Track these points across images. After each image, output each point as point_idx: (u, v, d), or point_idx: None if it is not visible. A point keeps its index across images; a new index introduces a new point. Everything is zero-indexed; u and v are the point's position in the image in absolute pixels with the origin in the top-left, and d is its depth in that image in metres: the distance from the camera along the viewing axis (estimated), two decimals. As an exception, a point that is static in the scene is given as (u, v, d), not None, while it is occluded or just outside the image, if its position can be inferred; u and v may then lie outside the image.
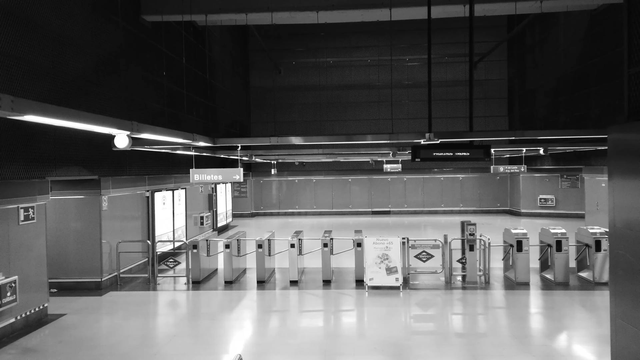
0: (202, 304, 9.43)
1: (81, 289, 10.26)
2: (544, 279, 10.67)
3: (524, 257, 10.29)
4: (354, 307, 8.89)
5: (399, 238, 10.13)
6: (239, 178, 8.09)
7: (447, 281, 10.48)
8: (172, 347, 6.99)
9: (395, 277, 9.93)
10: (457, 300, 9.27)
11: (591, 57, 15.70)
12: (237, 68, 22.44)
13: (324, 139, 7.67)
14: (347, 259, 12.63)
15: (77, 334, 7.58)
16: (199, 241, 10.91)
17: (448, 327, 7.82)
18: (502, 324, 7.79)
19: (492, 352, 6.60)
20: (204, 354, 6.65)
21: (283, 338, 7.32)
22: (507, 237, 10.94)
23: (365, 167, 25.25)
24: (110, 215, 10.68)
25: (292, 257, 10.68)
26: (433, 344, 6.99)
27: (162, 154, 13.32)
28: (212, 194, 18.09)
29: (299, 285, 10.53)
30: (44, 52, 7.87)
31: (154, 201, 12.66)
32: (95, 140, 9.91)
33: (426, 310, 8.62)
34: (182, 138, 6.15)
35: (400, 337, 7.30)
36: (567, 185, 22.95)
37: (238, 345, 6.99)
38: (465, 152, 9.25)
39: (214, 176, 8.14)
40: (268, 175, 25.53)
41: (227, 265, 10.81)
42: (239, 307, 9.02)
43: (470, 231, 10.29)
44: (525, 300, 9.19)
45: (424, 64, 24.03)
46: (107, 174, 10.56)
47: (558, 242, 10.24)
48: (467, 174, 25.28)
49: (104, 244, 10.41)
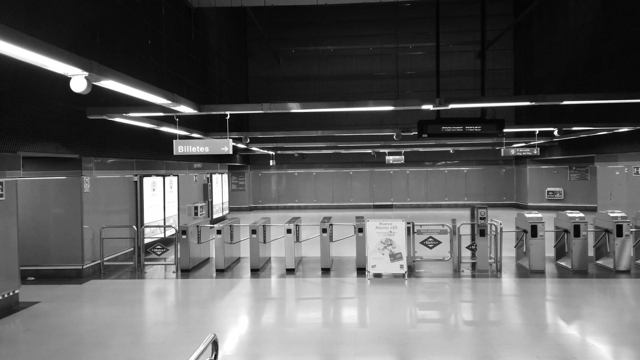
0: (189, 291, 8.68)
1: (61, 277, 9.51)
2: (560, 267, 9.89)
3: (539, 243, 9.52)
4: (355, 295, 8.14)
5: (404, 222, 9.38)
6: (228, 149, 7.35)
7: (455, 269, 9.72)
8: (152, 336, 6.24)
9: (400, 264, 9.16)
10: (467, 288, 8.50)
11: (604, 40, 14.94)
12: (234, 56, 21.72)
13: (323, 105, 6.92)
14: (348, 247, 11.87)
15: (48, 322, 6.84)
16: (188, 226, 10.16)
17: (458, 315, 7.06)
18: (518, 312, 7.03)
19: (509, 340, 5.84)
20: (186, 342, 5.91)
21: (277, 326, 6.57)
22: (520, 222, 10.16)
23: (366, 159, 24.50)
24: (93, 199, 9.94)
25: (289, 244, 9.93)
26: (443, 333, 6.24)
27: (151, 137, 12.59)
28: (207, 183, 17.35)
29: (296, 273, 9.78)
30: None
31: (142, 187, 11.93)
32: (76, 116, 9.19)
33: (434, 298, 7.86)
34: (156, 95, 5.40)
35: (406, 326, 6.54)
36: (576, 177, 22.17)
37: (225, 333, 6.25)
38: (477, 126, 8.53)
39: (200, 147, 7.39)
40: (267, 168, 24.80)
41: (218, 252, 10.06)
42: (230, 294, 8.27)
43: (481, 215, 9.52)
44: (542, 288, 8.41)
45: (428, 52, 23.27)
46: (90, 153, 9.83)
47: (576, 226, 9.47)
48: (472, 167, 24.52)
49: (85, 229, 9.67)
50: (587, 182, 22.01)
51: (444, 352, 5.52)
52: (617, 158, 14.93)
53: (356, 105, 6.67)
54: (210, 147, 7.35)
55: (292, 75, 23.92)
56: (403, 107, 6.78)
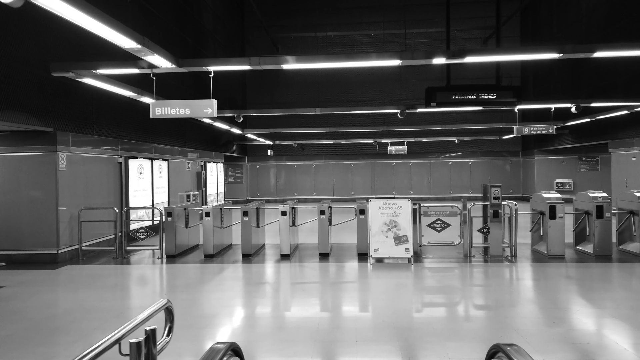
0: (171, 276, 7.85)
1: (35, 262, 8.70)
2: (580, 252, 9.04)
3: (558, 226, 8.67)
4: (356, 280, 7.29)
5: (409, 201, 8.54)
6: (212, 112, 6.50)
7: (466, 255, 8.87)
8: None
9: (405, 248, 8.32)
10: (479, 273, 7.65)
11: (618, 20, 14.10)
12: (232, 43, 20.89)
13: (321, 59, 6.08)
14: (349, 235, 11.08)
15: (7, 307, 6.02)
16: (174, 208, 9.33)
17: (472, 299, 6.20)
18: (537, 296, 6.17)
19: (529, 325, 4.99)
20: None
21: (267, 311, 5.74)
22: (536, 204, 9.32)
23: (368, 151, 23.67)
24: (71, 179, 9.12)
25: (284, 227, 9.10)
26: (456, 317, 5.40)
27: (138, 117, 11.77)
28: (201, 172, 16.52)
29: (291, 259, 8.94)
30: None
31: (127, 169, 11.10)
32: (50, 85, 8.39)
33: (444, 282, 7.01)
34: (121, 33, 4.54)
35: (414, 310, 5.71)
36: (586, 168, 21.31)
37: (207, 319, 5.41)
38: (491, 94, 7.69)
39: (180, 109, 6.54)
40: (265, 160, 23.99)
41: (207, 236, 9.23)
42: (216, 279, 7.44)
43: (494, 194, 8.67)
44: (563, 271, 7.55)
45: (432, 40, 22.42)
46: (67, 128, 9.01)
47: (599, 207, 8.63)
48: (477, 158, 23.69)
49: (62, 211, 8.85)
50: (598, 173, 21.16)
51: (460, 337, 4.68)
52: (634, 143, 14.08)
53: (358, 58, 5.83)
54: (192, 108, 6.51)
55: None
56: (411, 62, 5.94)
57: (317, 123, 21.65)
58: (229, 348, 2.13)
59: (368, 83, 22.39)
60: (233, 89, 20.66)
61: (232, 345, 2.17)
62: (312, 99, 22.13)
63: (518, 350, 1.97)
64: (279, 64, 6.02)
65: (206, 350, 2.10)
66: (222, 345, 2.09)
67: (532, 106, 11.53)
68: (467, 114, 21.11)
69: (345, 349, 4.40)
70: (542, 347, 4.37)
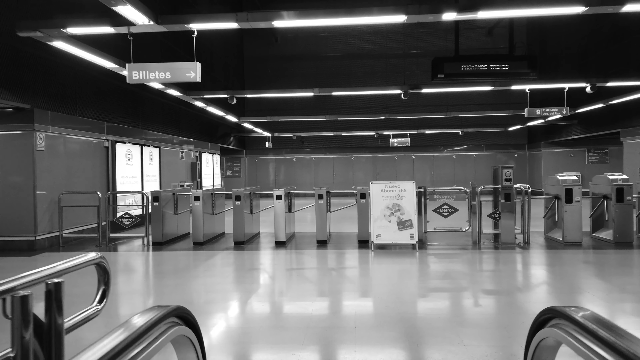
0: (154, 263, 7.22)
1: (10, 249, 8.08)
2: (598, 240, 8.39)
3: (574, 210, 8.03)
4: (356, 266, 6.65)
5: (414, 184, 7.91)
6: (195, 76, 5.87)
7: (475, 242, 8.24)
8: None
9: (410, 233, 7.69)
10: (490, 258, 6.99)
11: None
12: (229, 31, 20.26)
13: (319, 14, 5.44)
14: (349, 224, 10.48)
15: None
16: (161, 192, 8.71)
17: (485, 284, 5.54)
18: (556, 281, 5.52)
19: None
20: (125, 314, 4.45)
21: (257, 297, 5.10)
22: (550, 187, 8.68)
23: (369, 144, 23.02)
24: (50, 160, 8.51)
25: (279, 213, 8.47)
26: (467, 302, 4.76)
27: (126, 100, 11.16)
28: (196, 162, 15.90)
29: (287, 246, 8.31)
30: None
31: (115, 154, 10.48)
32: (27, 59, 7.79)
33: (452, 268, 6.35)
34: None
35: (421, 296, 5.07)
36: (595, 160, 20.64)
37: (187, 305, 4.78)
38: (504, 64, 7.05)
39: (160, 73, 5.91)
40: (264, 154, 23.37)
41: (196, 222, 8.61)
42: (204, 265, 6.81)
43: (506, 176, 8.03)
44: (581, 257, 6.90)
45: (435, 30, 21.77)
46: (46, 106, 8.40)
47: (619, 189, 7.98)
48: (481, 152, 23.03)
49: (40, 195, 8.23)
50: (607, 166, 20.47)
51: (474, 323, 4.04)
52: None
53: (359, 14, 5.17)
54: (173, 72, 5.88)
55: (291, 55, 22.46)
56: (417, 18, 5.30)
57: (317, 110, 21.04)
58: (172, 313, 1.50)
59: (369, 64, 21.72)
60: (229, 80, 20.04)
61: (177, 311, 1.54)
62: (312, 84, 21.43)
63: (592, 315, 1.33)
64: (269, 20, 5.39)
65: (136, 314, 1.48)
66: (161, 310, 1.46)
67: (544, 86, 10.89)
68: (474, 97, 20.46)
69: (342, 336, 3.77)
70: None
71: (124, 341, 1.17)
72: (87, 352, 1.13)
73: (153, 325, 1.35)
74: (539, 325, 1.57)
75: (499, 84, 9.71)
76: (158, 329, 1.38)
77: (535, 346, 1.59)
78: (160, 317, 1.40)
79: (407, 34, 21.80)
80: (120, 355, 1.14)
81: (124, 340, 1.17)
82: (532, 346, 1.61)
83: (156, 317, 1.39)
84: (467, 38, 20.65)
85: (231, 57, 20.34)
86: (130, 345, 1.20)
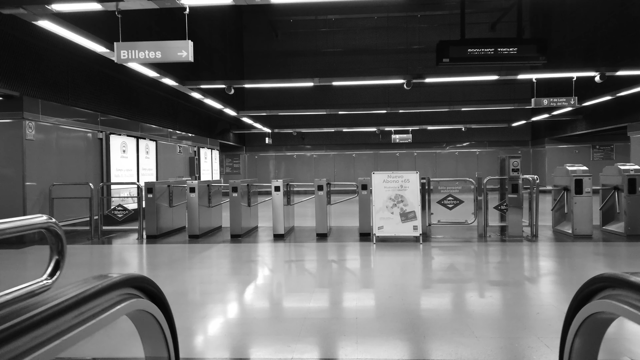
0: (146, 255, 6.91)
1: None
2: (609, 233, 8.08)
3: (584, 202, 7.71)
4: (357, 258, 6.35)
5: (417, 174, 7.60)
6: (187, 55, 5.57)
7: (480, 234, 7.93)
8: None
9: (413, 225, 7.38)
10: (498, 251, 6.68)
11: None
12: (228, 27, 19.98)
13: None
14: (350, 219, 10.17)
15: (-55, 284, 5.10)
16: (155, 184, 8.42)
17: (494, 276, 5.23)
18: (574, 272, 5.21)
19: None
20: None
21: (252, 289, 4.80)
22: (559, 179, 8.37)
23: (371, 140, 22.72)
24: (41, 150, 8.22)
25: (277, 205, 8.17)
26: (476, 294, 4.45)
27: (121, 92, 10.87)
28: (194, 157, 15.61)
29: (285, 239, 8.02)
30: None
31: (109, 146, 10.19)
32: (15, 45, 7.50)
33: (458, 260, 6.04)
34: None
35: (425, 287, 4.76)
36: (600, 156, 20.32)
37: (178, 296, 4.49)
38: (512, 48, 6.74)
39: (150, 52, 5.62)
40: (263, 150, 23.07)
41: (192, 214, 8.32)
42: (198, 257, 6.51)
43: (513, 166, 7.72)
44: (594, 249, 6.59)
45: (439, 24, 21.45)
46: (36, 94, 8.11)
47: (631, 180, 7.67)
48: (484, 148, 22.70)
49: (29, 186, 7.94)
50: (613, 162, 20.12)
51: (485, 314, 3.74)
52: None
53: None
54: (164, 51, 5.58)
55: (291, 50, 22.16)
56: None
57: (317, 104, 20.75)
58: (126, 283, 1.20)
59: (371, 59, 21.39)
60: (227, 74, 19.73)
61: (135, 281, 1.24)
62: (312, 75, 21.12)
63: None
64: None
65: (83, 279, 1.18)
66: (108, 279, 1.15)
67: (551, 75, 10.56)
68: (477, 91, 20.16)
69: (342, 327, 3.46)
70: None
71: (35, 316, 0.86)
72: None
73: (93, 296, 1.05)
74: (584, 299, 1.27)
75: (506, 71, 9.39)
76: (103, 300, 1.08)
77: (579, 324, 1.28)
78: (106, 287, 1.10)
79: (409, 29, 21.50)
80: (31, 331, 0.84)
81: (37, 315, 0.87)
82: (573, 324, 1.31)
83: (100, 286, 1.09)
84: (469, 32, 20.21)
85: (230, 52, 20.05)
86: (51, 319, 0.90)
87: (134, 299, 1.22)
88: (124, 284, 1.19)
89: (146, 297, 1.31)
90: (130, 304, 1.20)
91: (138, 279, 1.26)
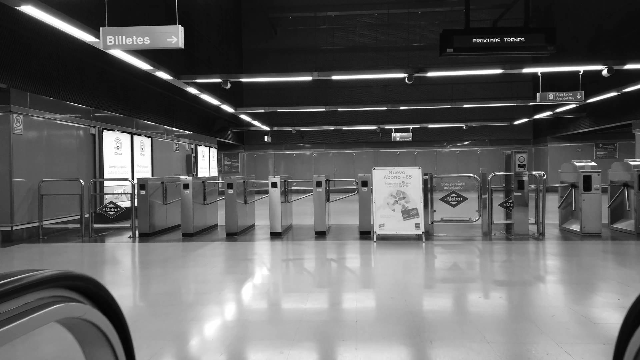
0: (137, 254, 6.62)
1: (-15, 240, 7.51)
2: (618, 231, 7.80)
3: (593, 199, 7.43)
4: (357, 256, 6.06)
5: (420, 169, 7.31)
6: (177, 41, 5.29)
7: (485, 233, 7.65)
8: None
9: (415, 223, 7.10)
10: (503, 249, 6.40)
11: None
12: (227, 24, 19.69)
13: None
14: (350, 217, 9.90)
15: None
16: (148, 180, 8.13)
17: (501, 275, 4.94)
18: (584, 271, 4.93)
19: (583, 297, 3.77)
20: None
21: (247, 287, 4.52)
22: (566, 175, 8.10)
23: (371, 139, 22.44)
24: (29, 145, 7.94)
25: (275, 202, 7.89)
26: (484, 295, 4.16)
27: (116, 87, 10.59)
28: (191, 155, 15.32)
29: (283, 237, 7.73)
30: None
31: (102, 142, 9.91)
32: (4, 35, 7.22)
33: (462, 259, 5.76)
34: None
35: (428, 287, 4.48)
36: (604, 155, 20.03)
37: (169, 296, 4.20)
38: (519, 37, 6.45)
39: (139, 38, 5.33)
40: (262, 149, 22.78)
41: (186, 212, 8.04)
42: (191, 255, 6.22)
43: (519, 161, 7.44)
44: (603, 247, 6.30)
45: (440, 21, 21.17)
46: (24, 87, 7.83)
47: (642, 176, 7.38)
48: (485, 147, 22.43)
49: (17, 183, 7.66)
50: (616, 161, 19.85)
51: (497, 319, 3.45)
52: (662, 121, 12.83)
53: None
54: (152, 37, 5.29)
55: (290, 47, 21.87)
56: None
57: (316, 101, 20.46)
58: (57, 281, 0.91)
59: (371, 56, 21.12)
60: (225, 71, 19.45)
61: (74, 280, 0.96)
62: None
63: None
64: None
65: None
66: (37, 274, 0.87)
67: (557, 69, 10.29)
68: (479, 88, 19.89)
69: (341, 330, 3.18)
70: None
71: None
72: None
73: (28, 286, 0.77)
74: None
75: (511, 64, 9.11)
76: (11, 304, 0.80)
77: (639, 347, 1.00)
78: (17, 287, 0.81)
79: (410, 26, 21.23)
80: None
81: None
82: (630, 347, 1.02)
83: (35, 279, 0.81)
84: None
85: (228, 49, 19.77)
86: None
87: (64, 304, 0.93)
88: (49, 282, 0.91)
89: (89, 302, 1.03)
90: (59, 309, 0.91)
91: (72, 277, 0.97)
